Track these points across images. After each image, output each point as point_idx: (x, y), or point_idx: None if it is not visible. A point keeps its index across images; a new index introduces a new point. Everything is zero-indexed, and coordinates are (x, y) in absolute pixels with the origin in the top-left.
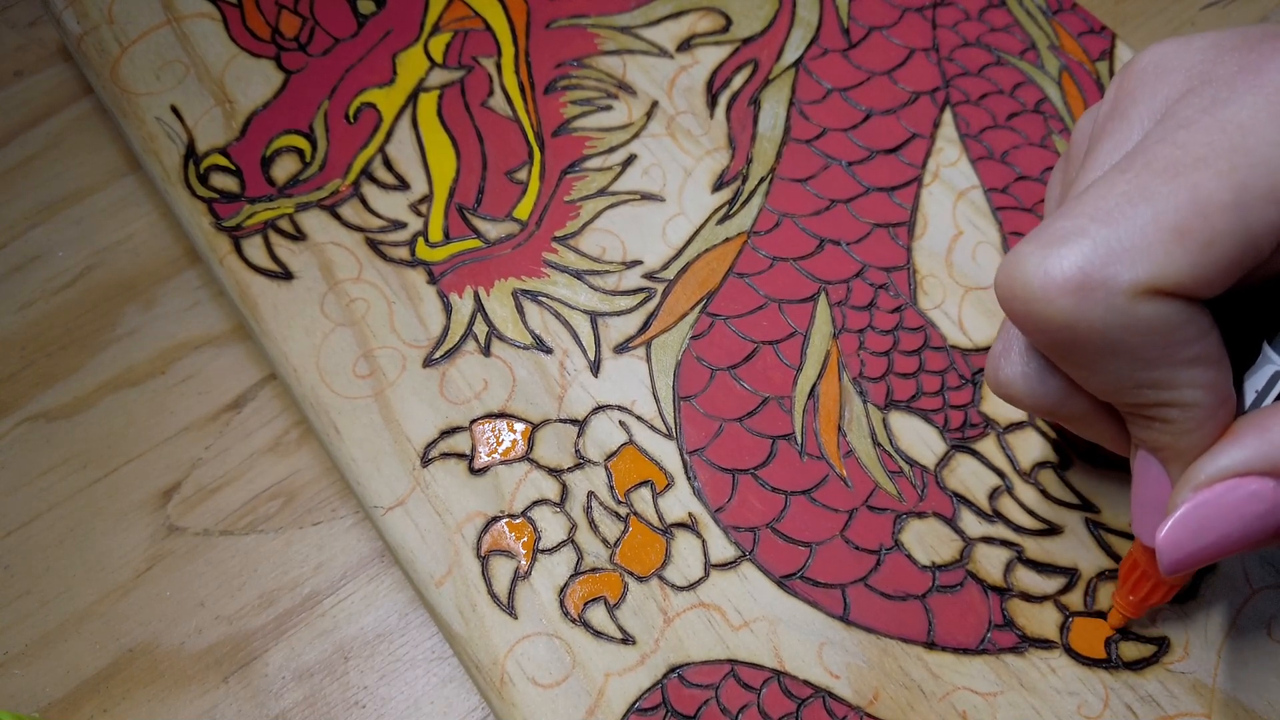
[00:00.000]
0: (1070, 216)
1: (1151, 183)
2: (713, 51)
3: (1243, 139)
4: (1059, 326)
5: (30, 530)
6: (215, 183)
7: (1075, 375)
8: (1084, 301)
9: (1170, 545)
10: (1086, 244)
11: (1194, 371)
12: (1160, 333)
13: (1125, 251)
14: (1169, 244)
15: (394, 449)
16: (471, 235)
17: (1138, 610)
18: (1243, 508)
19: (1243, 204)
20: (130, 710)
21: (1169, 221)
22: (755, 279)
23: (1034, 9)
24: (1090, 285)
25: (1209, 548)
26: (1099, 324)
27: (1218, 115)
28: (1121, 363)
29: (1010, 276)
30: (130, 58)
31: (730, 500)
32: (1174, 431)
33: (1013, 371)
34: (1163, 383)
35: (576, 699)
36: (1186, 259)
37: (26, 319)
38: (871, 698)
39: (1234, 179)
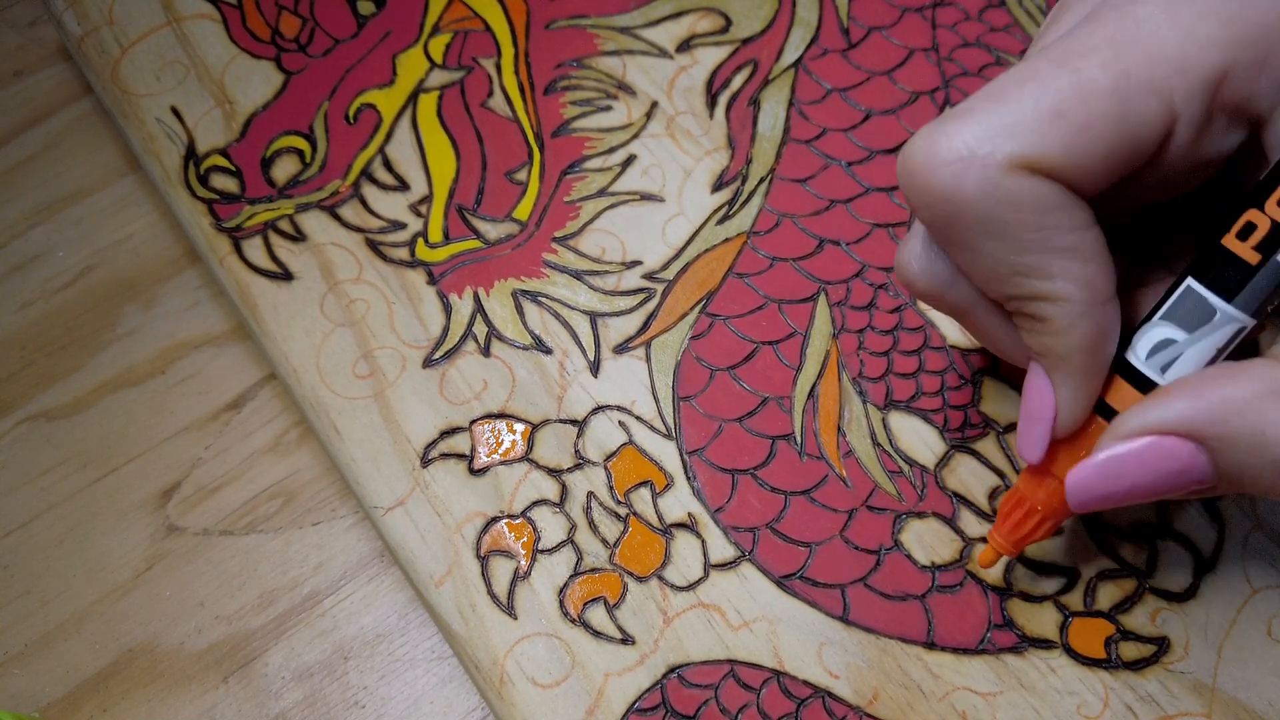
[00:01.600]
0: (967, 100)
1: (1042, 67)
2: (712, 52)
3: (1135, 30)
4: (940, 199)
5: (30, 530)
6: (215, 183)
7: (960, 259)
8: (962, 174)
9: (1078, 485)
10: (970, 120)
11: (1068, 262)
12: (1032, 210)
13: (1004, 128)
14: (1045, 123)
15: (394, 449)
16: (471, 236)
17: (1015, 547)
18: (1157, 464)
19: (1121, 91)
20: (130, 710)
21: (1049, 103)
22: (755, 279)
23: (1034, 9)
24: (968, 158)
25: (1115, 495)
26: (974, 196)
27: (1122, 10)
28: (997, 243)
29: (905, 153)
30: (130, 59)
31: (730, 500)
32: (1051, 330)
33: (908, 255)
34: (1036, 270)
35: (576, 699)
36: (1061, 139)
37: (26, 319)
38: (871, 698)
39: (1116, 66)
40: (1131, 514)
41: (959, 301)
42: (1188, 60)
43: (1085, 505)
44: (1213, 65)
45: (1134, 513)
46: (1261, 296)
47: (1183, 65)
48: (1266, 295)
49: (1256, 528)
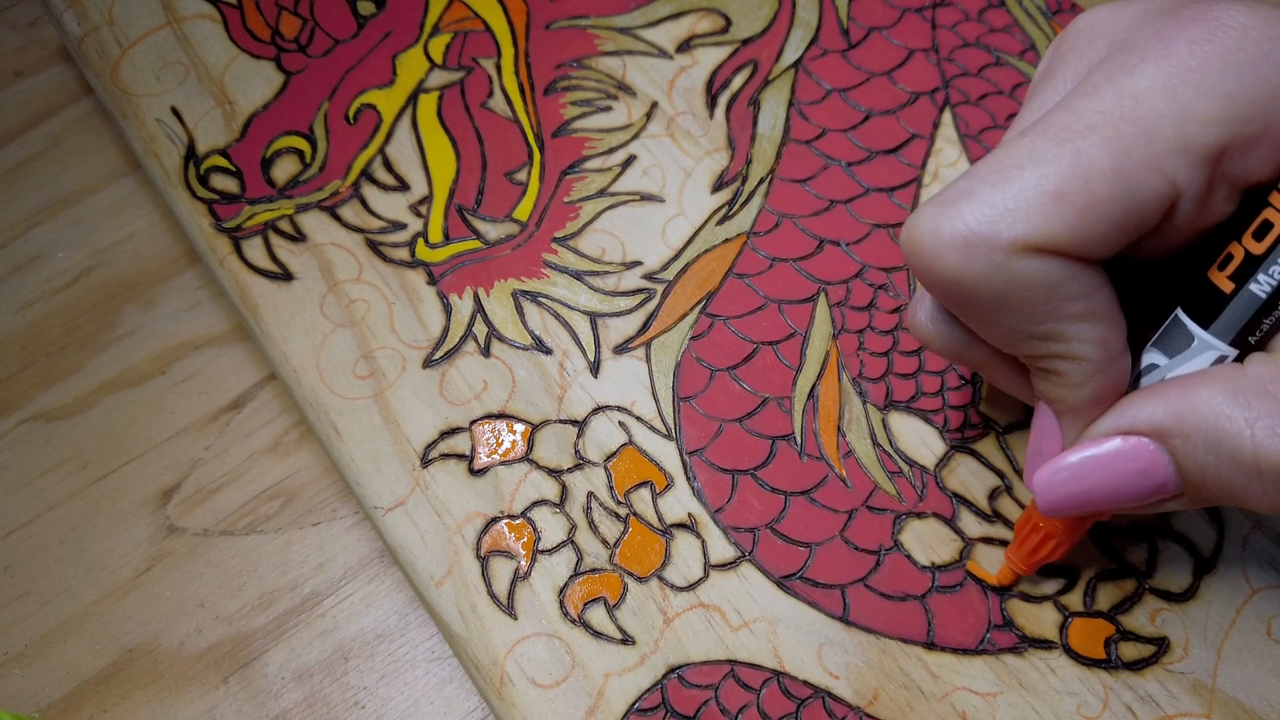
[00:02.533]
0: (967, 179)
1: (1042, 146)
2: (712, 52)
3: (1134, 108)
4: (949, 281)
5: (30, 530)
6: (215, 184)
7: (972, 325)
8: (969, 257)
9: (1044, 485)
10: (974, 204)
11: (1081, 327)
12: (1042, 288)
13: (1008, 211)
14: (1048, 206)
15: (394, 449)
16: (471, 236)
17: (1030, 567)
18: (1118, 463)
19: (1123, 170)
20: (130, 710)
21: (1051, 185)
22: (755, 279)
23: (1034, 9)
24: (974, 242)
25: (1081, 495)
26: (983, 278)
27: (1118, 83)
28: (1009, 316)
29: (908, 234)
30: (131, 59)
31: (730, 501)
32: (1065, 384)
33: (923, 318)
34: (1051, 336)
35: (576, 699)
36: (1064, 220)
37: (26, 319)
38: (871, 698)
39: (1117, 146)
40: (1132, 515)
41: (975, 360)
42: (1188, 139)
43: (1053, 506)
44: (1213, 142)
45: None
46: (1238, 324)
47: (1183, 144)
48: (1243, 323)
49: (1256, 528)
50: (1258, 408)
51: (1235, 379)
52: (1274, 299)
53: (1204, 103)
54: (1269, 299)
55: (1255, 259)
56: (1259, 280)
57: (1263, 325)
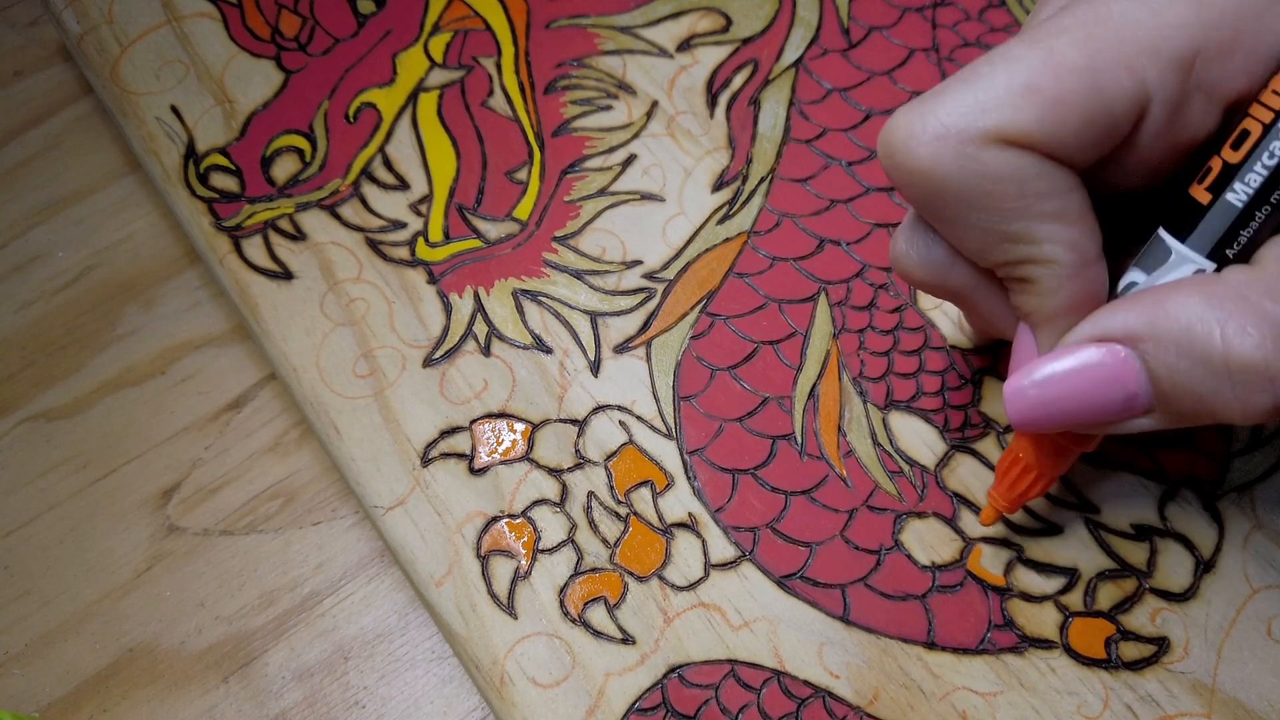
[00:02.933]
0: (943, 82)
1: (1015, 47)
2: (713, 51)
3: (1106, 11)
4: (921, 176)
5: (30, 530)
6: (215, 183)
7: (947, 232)
8: (940, 150)
9: (1013, 392)
10: (946, 99)
11: (1052, 227)
12: (1011, 181)
13: (978, 104)
14: (1018, 98)
15: (394, 449)
16: (471, 235)
17: (1012, 505)
18: (1089, 370)
19: (1094, 67)
20: (130, 710)
21: (1021, 79)
22: (755, 279)
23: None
24: (945, 135)
25: (1050, 404)
26: (954, 171)
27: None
28: (981, 214)
29: (883, 135)
30: (130, 58)
31: (730, 500)
32: (1039, 291)
33: (904, 243)
34: (1022, 236)
35: (576, 699)
36: (1034, 113)
37: (26, 319)
38: (871, 698)
39: (1089, 45)
40: (1132, 514)
41: (958, 285)
42: (1159, 40)
43: (1022, 416)
44: (1184, 45)
45: (1134, 512)
46: (1215, 235)
47: (1154, 45)
48: (1220, 234)
49: (1256, 528)
50: (1229, 309)
51: (1209, 284)
52: (1250, 209)
53: (1175, 7)
54: (1245, 209)
55: (1232, 168)
56: (1235, 189)
57: (1240, 236)
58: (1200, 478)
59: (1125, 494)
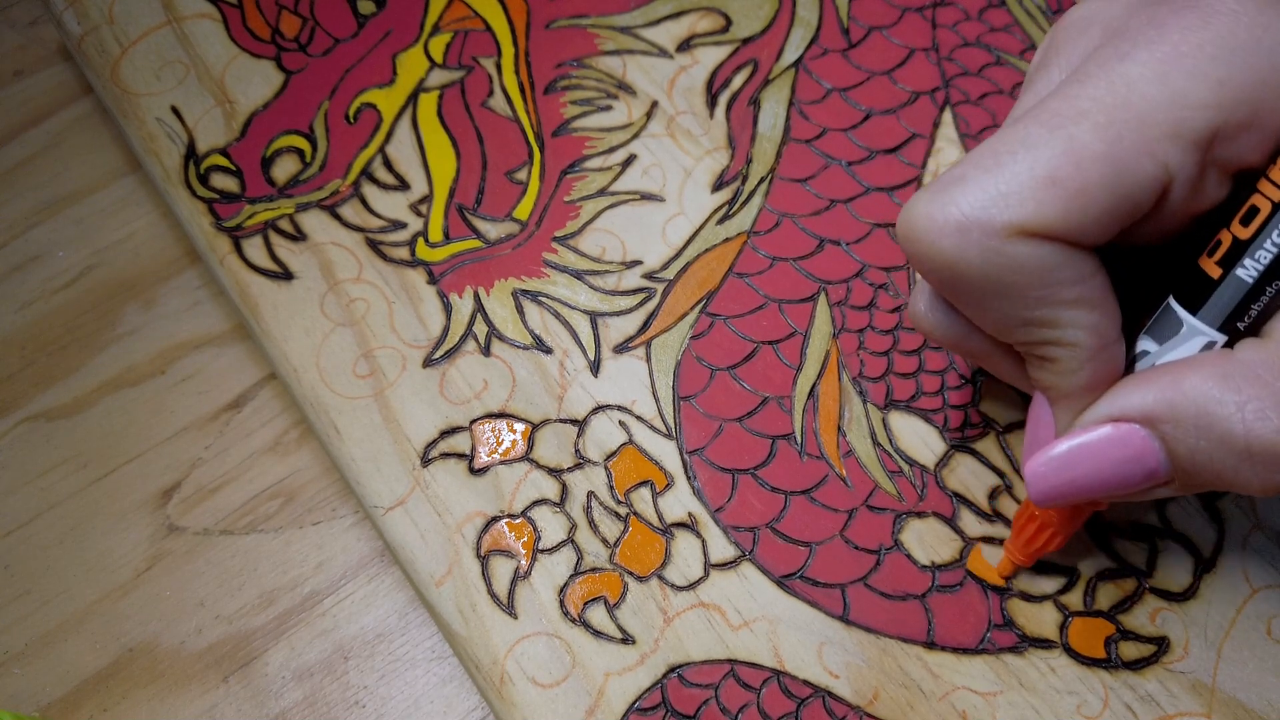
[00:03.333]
0: (961, 165)
1: (1035, 132)
2: (712, 51)
3: (1126, 94)
4: (943, 266)
5: (30, 530)
6: (215, 183)
7: (968, 313)
8: (963, 242)
9: (1035, 474)
10: (968, 189)
11: (1075, 313)
12: (1035, 273)
13: (1001, 196)
14: (1041, 190)
15: (394, 449)
16: (471, 235)
17: (1028, 558)
18: (1109, 450)
19: (1115, 155)
20: (130, 710)
21: (1044, 169)
22: (755, 279)
23: (1034, 9)
24: (968, 227)
25: (1072, 483)
26: (977, 263)
27: (1111, 70)
28: (1003, 302)
29: (904, 220)
30: (130, 58)
31: (730, 500)
32: (1059, 371)
33: (923, 308)
34: (1045, 322)
35: (576, 699)
36: (1057, 205)
37: (26, 319)
38: (871, 697)
39: (1109, 132)
40: (1132, 513)
41: (976, 350)
42: (1180, 124)
43: (1045, 495)
44: (1204, 126)
45: (1134, 512)
46: (1226, 309)
47: (1175, 129)
48: (1231, 308)
49: (1256, 528)
50: (1247, 392)
51: (1224, 364)
52: (1261, 284)
53: (1196, 88)
54: (1255, 284)
55: (1242, 244)
56: (1245, 265)
57: (1250, 311)
58: None
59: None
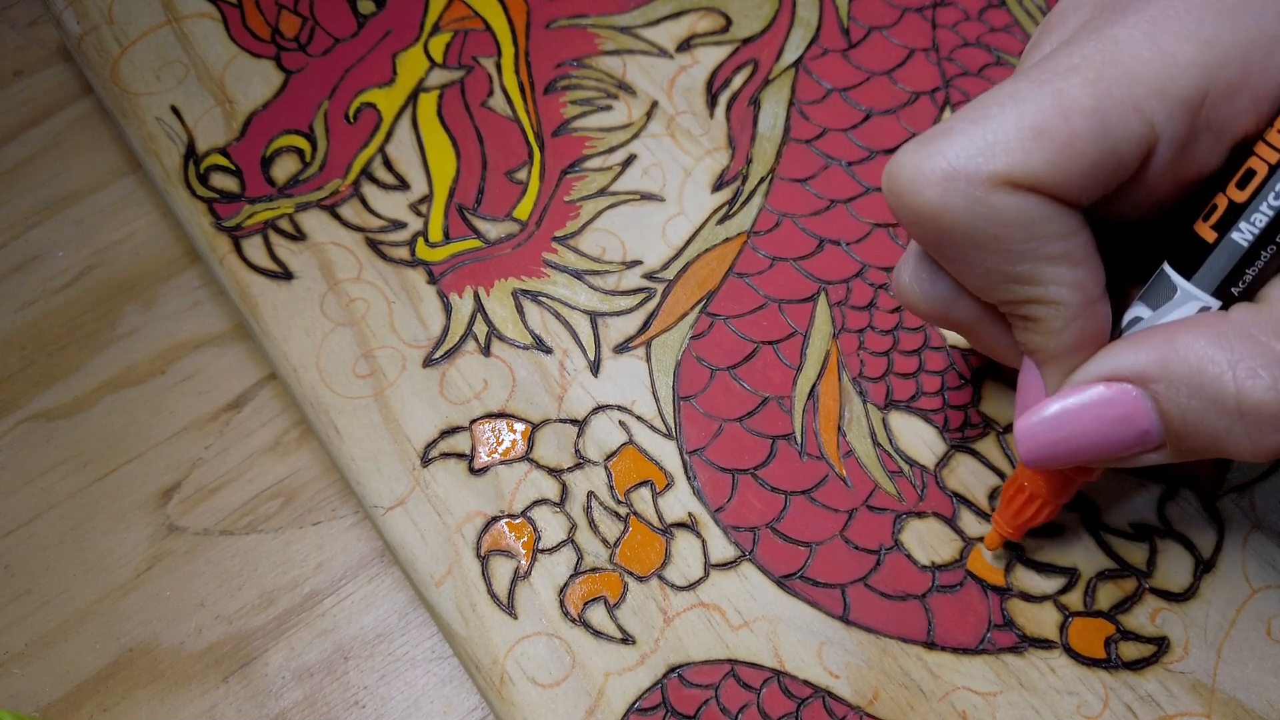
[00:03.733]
0: (949, 120)
1: (1024, 87)
2: (712, 51)
3: (1115, 51)
4: (928, 217)
5: (30, 530)
6: (215, 183)
7: (952, 270)
8: (948, 192)
9: (1025, 433)
10: (954, 139)
11: (1058, 269)
12: (1019, 225)
13: (987, 146)
14: (1028, 141)
15: (394, 449)
16: (471, 235)
17: (1017, 531)
18: (1101, 409)
19: (1103, 110)
20: (130, 710)
21: (1030, 121)
22: (755, 279)
23: (1034, 9)
24: (953, 176)
25: (1062, 443)
26: (961, 213)
27: (1101, 33)
28: (987, 255)
29: (889, 172)
30: (130, 58)
31: (730, 500)
32: (1044, 331)
33: (908, 276)
34: (1028, 278)
35: (576, 699)
36: (1043, 156)
37: (26, 319)
38: (871, 697)
39: (1098, 86)
40: (1131, 513)
41: (962, 318)
42: (1167, 81)
43: (1035, 455)
44: (1191, 86)
45: (1134, 512)
46: (1221, 274)
47: (1162, 86)
48: (1226, 272)
49: (1256, 528)
50: (1240, 350)
51: (1218, 324)
52: (1256, 248)
53: (1183, 48)
54: (1251, 248)
55: (1238, 207)
56: (1240, 229)
57: (1245, 275)
58: (1200, 478)
59: (1125, 494)
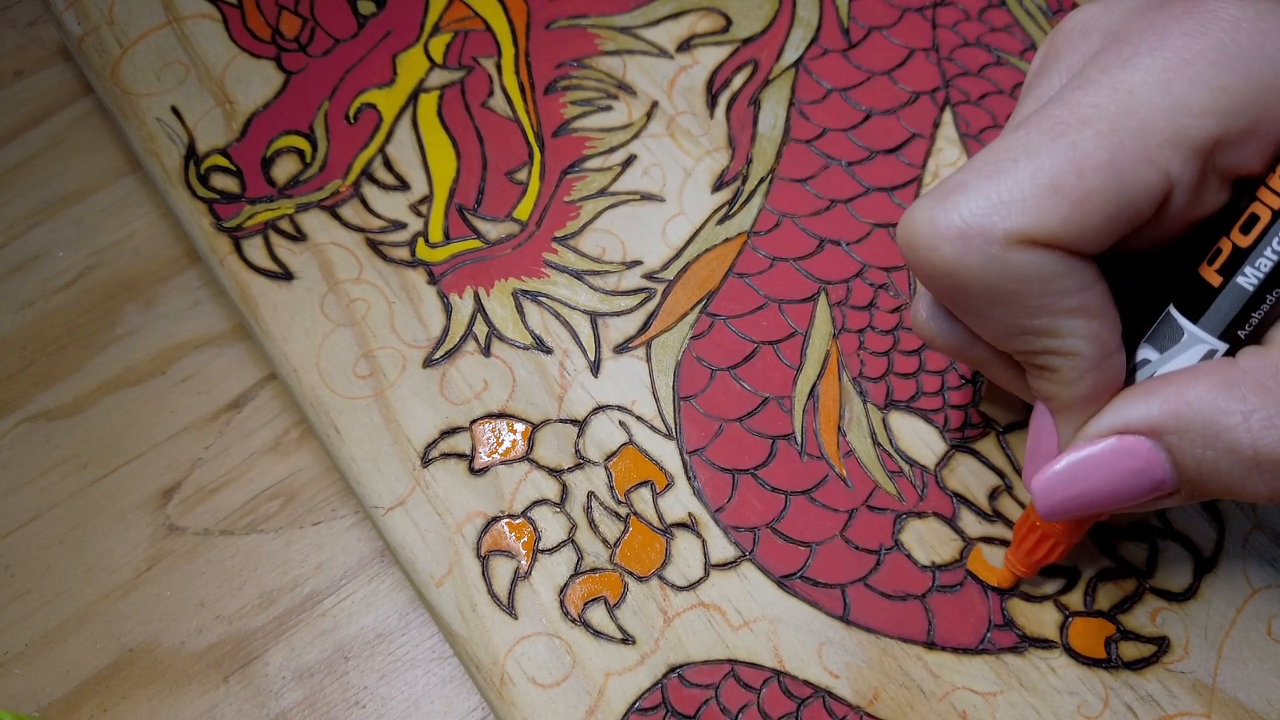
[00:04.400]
0: (962, 172)
1: (1038, 140)
2: (713, 52)
3: (1129, 101)
4: (944, 273)
5: (30, 530)
6: (215, 183)
7: (969, 321)
8: (964, 249)
9: (1042, 489)
10: (969, 196)
11: (1075, 322)
12: (1036, 281)
13: (1003, 204)
14: (1043, 198)
15: (394, 449)
16: (471, 235)
17: (1030, 569)
18: (1116, 463)
19: (1118, 164)
20: (130, 710)
21: (1046, 177)
22: (755, 279)
23: (1034, 9)
24: (969, 234)
25: (1079, 498)
26: (977, 270)
27: (1113, 77)
28: (1003, 310)
29: (905, 227)
30: (131, 58)
31: (730, 500)
32: (1060, 381)
33: (924, 316)
34: (1045, 331)
35: (576, 699)
36: (1059, 213)
37: (26, 319)
38: (871, 697)
39: (1112, 140)
40: (1132, 514)
41: (979, 358)
42: (1181, 131)
43: (1053, 510)
44: (1206, 134)
45: (1134, 513)
46: (1226, 318)
47: (1177, 137)
48: (1231, 316)
49: (1256, 528)
50: (1253, 401)
51: (1228, 373)
52: (1261, 292)
53: (1197, 95)
54: (1256, 292)
55: (1242, 252)
56: (1245, 273)
57: (1251, 319)
58: None
59: None
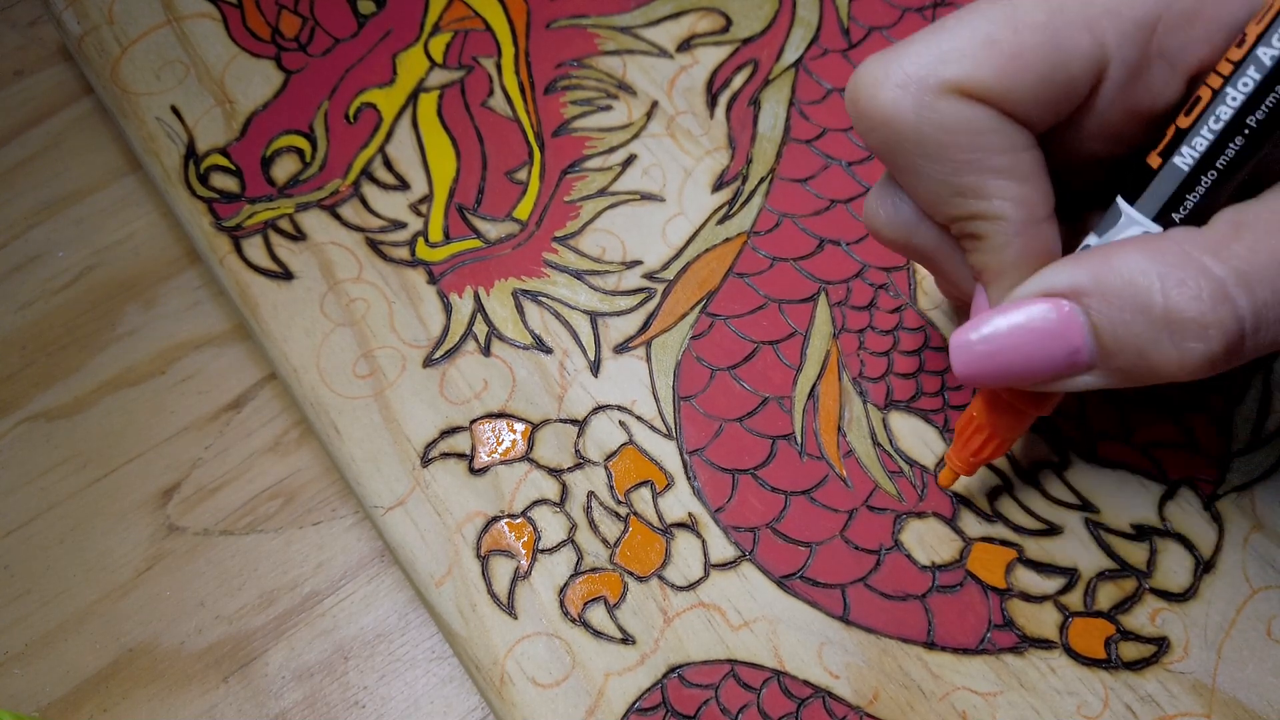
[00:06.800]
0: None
1: (983, 5)
2: (713, 51)
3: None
4: (880, 122)
5: (30, 530)
6: (215, 183)
7: (903, 182)
8: (900, 98)
9: (960, 346)
10: (911, 49)
11: (1002, 182)
12: (965, 133)
13: (941, 55)
14: (978, 50)
15: (394, 449)
16: (471, 235)
17: (969, 465)
18: (1034, 324)
19: (1053, 24)
20: (130, 710)
21: (982, 32)
22: (755, 279)
23: None
24: (906, 83)
25: (995, 357)
26: (911, 119)
27: None
28: (934, 164)
29: (851, 81)
30: (130, 58)
31: (730, 500)
32: (988, 247)
33: (874, 200)
34: (972, 190)
35: (576, 699)
36: (992, 65)
37: (26, 319)
38: (871, 698)
39: (1051, 3)
40: (1131, 513)
41: (923, 245)
42: (1121, 3)
43: (969, 369)
44: (1145, 9)
45: (1134, 512)
46: (1162, 199)
47: (1115, 7)
48: (1167, 198)
49: (1256, 528)
50: (1170, 263)
51: (1155, 242)
52: (1196, 172)
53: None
54: (1191, 172)
55: (1182, 133)
56: (1181, 153)
57: (1186, 201)
58: (1200, 478)
59: (1125, 494)
